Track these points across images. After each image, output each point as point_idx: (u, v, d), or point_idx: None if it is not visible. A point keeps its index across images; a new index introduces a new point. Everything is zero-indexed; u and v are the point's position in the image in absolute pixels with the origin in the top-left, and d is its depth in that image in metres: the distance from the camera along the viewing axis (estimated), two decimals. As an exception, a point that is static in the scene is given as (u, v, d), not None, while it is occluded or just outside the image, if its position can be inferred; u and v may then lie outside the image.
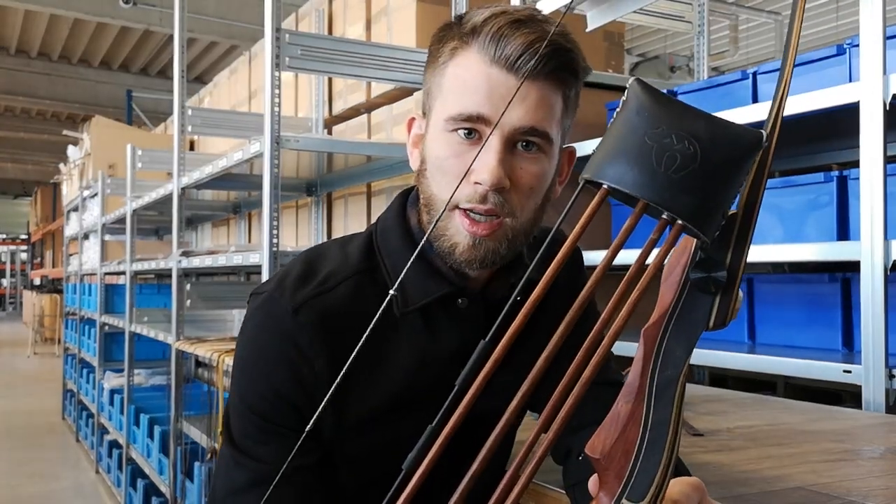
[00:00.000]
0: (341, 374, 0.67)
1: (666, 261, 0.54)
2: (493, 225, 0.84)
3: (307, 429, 0.70)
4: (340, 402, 0.89)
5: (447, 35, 0.86)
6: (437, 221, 0.85)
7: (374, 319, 0.67)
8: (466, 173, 0.81)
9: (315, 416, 0.68)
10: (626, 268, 0.57)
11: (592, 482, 0.57)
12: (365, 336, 0.67)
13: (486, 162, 0.81)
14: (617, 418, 0.50)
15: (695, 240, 0.51)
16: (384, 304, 0.71)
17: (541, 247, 0.60)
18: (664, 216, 0.49)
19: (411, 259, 0.88)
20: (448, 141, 0.84)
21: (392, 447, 0.82)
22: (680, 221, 0.49)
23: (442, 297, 0.90)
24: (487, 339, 0.54)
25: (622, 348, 2.19)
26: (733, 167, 0.48)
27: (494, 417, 0.49)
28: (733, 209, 0.50)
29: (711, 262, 0.50)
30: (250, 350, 0.91)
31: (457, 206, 0.84)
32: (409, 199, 0.95)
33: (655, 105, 0.50)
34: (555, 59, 0.83)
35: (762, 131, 0.49)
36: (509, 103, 0.81)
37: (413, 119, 0.94)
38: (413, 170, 0.92)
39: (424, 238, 0.74)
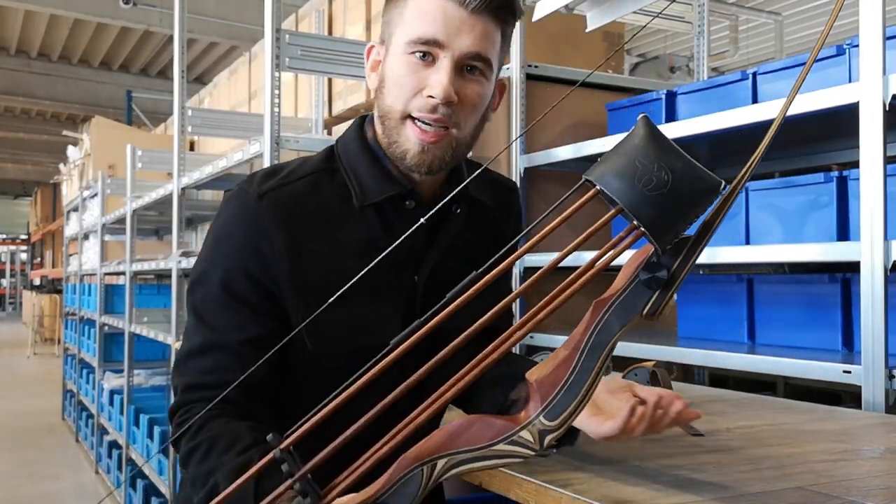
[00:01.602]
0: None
1: (628, 257, 0.69)
2: (440, 134, 1.00)
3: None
4: (300, 276, 1.01)
5: None
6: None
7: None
8: (422, 88, 0.98)
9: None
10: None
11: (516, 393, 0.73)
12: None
13: (439, 79, 0.98)
14: (555, 358, 0.69)
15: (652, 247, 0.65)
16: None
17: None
18: (634, 222, 0.65)
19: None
20: (406, 61, 1.00)
21: (350, 328, 1.01)
22: (642, 228, 0.65)
23: (393, 198, 1.05)
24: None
25: (625, 349, 2.19)
26: (693, 199, 0.64)
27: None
28: (691, 232, 0.67)
29: (659, 267, 0.66)
30: (220, 231, 1.05)
31: (409, 116, 1.00)
32: (366, 119, 1.12)
33: (651, 138, 0.64)
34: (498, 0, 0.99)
35: (722, 180, 0.64)
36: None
37: (372, 47, 1.10)
38: (371, 89, 1.08)
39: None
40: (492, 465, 0.68)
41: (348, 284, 0.85)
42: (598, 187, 0.67)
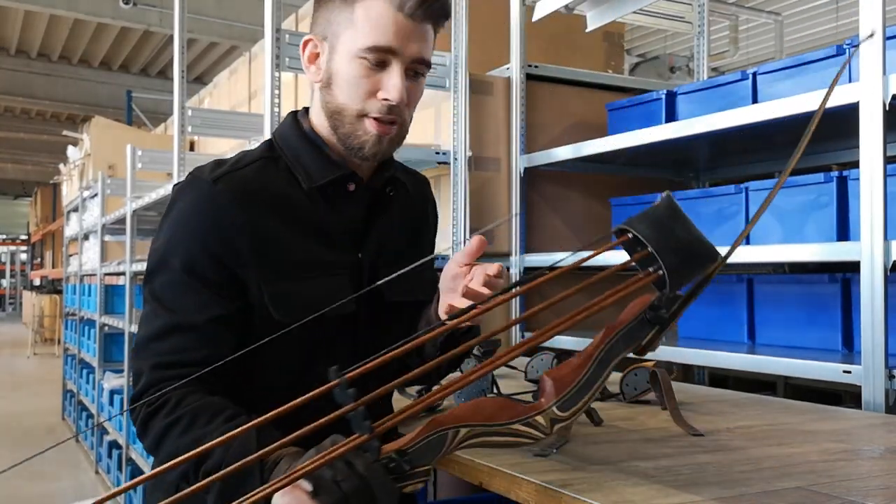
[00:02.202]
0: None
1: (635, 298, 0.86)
2: (392, 129, 1.12)
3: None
4: (260, 251, 1.09)
5: None
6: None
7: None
8: (376, 91, 1.10)
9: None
10: (627, 268, 0.85)
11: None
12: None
13: (395, 84, 1.09)
14: (570, 363, 0.83)
15: (658, 292, 0.83)
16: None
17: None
18: (651, 269, 0.83)
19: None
20: (359, 65, 1.09)
21: (311, 299, 1.09)
22: (661, 271, 0.82)
23: (336, 181, 1.15)
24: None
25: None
26: (700, 262, 0.85)
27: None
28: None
29: (661, 309, 0.83)
30: (177, 218, 1.10)
31: (365, 115, 1.11)
32: (297, 113, 1.22)
33: (677, 209, 0.85)
34: (437, 7, 1.11)
35: (720, 253, 0.85)
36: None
37: (310, 40, 1.16)
38: (312, 81, 1.16)
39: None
40: (505, 441, 0.80)
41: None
42: (633, 235, 0.83)
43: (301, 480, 0.78)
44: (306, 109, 1.22)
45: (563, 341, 2.40)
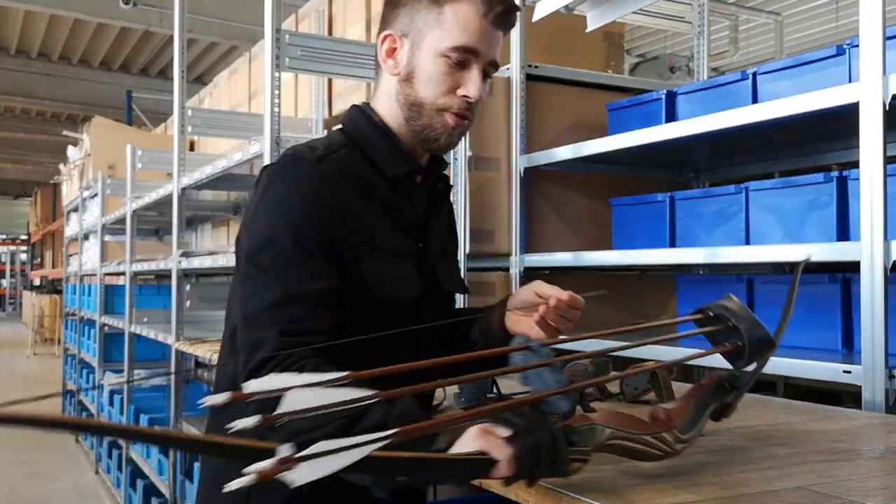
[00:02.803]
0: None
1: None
2: (465, 123, 1.21)
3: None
4: (355, 231, 1.14)
5: None
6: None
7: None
8: (456, 88, 1.18)
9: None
10: (627, 268, 0.93)
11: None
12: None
13: (475, 83, 1.18)
14: (678, 402, 1.02)
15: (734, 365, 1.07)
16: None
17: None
18: (729, 342, 1.08)
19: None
20: (443, 62, 1.17)
21: (400, 279, 1.20)
22: (742, 343, 1.06)
23: (408, 172, 1.23)
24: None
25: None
26: (768, 346, 1.10)
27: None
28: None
29: (737, 379, 1.07)
30: (281, 197, 1.13)
31: (444, 110, 1.18)
32: (363, 106, 1.27)
33: (746, 310, 1.10)
34: (512, 20, 1.21)
35: (775, 339, 1.10)
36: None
37: (388, 36, 1.22)
38: (389, 73, 1.22)
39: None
40: (636, 448, 0.93)
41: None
42: (718, 314, 1.07)
43: (496, 426, 0.82)
44: (367, 104, 1.27)
45: (563, 341, 2.40)
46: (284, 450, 0.68)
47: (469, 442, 0.82)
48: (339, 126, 1.29)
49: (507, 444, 0.81)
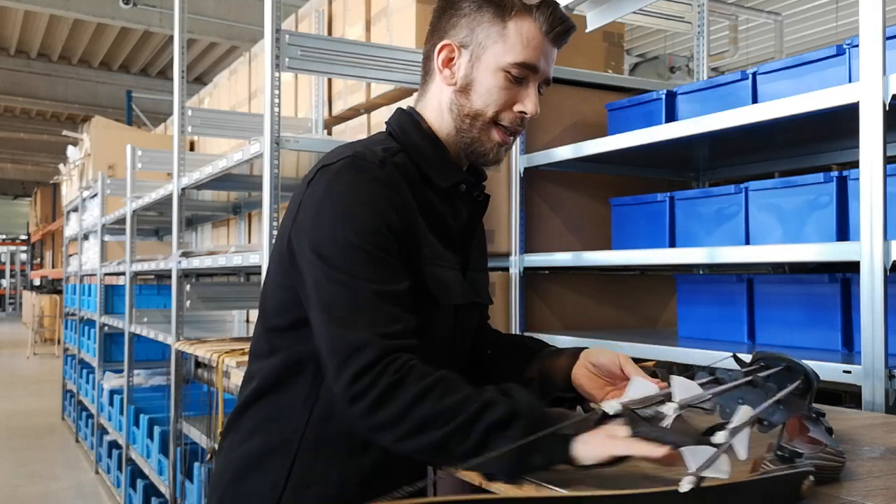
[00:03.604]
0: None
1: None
2: (512, 140, 1.23)
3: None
4: (415, 234, 1.14)
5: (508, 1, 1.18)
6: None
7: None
8: (513, 104, 1.19)
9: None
10: (627, 268, 0.87)
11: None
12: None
13: (533, 100, 1.19)
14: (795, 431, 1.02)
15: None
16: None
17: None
18: (795, 385, 1.09)
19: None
20: (503, 77, 1.17)
21: (454, 287, 1.20)
22: (810, 378, 1.11)
23: (455, 183, 1.23)
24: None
25: (625, 349, 2.19)
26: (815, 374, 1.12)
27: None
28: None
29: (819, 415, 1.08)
30: (349, 198, 1.10)
31: (496, 123, 1.19)
32: (410, 111, 1.26)
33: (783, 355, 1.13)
34: (570, 35, 1.22)
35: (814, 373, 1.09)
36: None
37: (446, 46, 1.21)
38: (445, 83, 1.22)
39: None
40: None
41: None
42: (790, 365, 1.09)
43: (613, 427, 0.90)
44: (415, 110, 1.26)
45: (563, 341, 2.40)
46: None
47: (600, 447, 0.91)
48: (386, 130, 1.27)
49: (642, 441, 0.87)
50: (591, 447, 0.92)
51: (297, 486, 1.15)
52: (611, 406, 0.83)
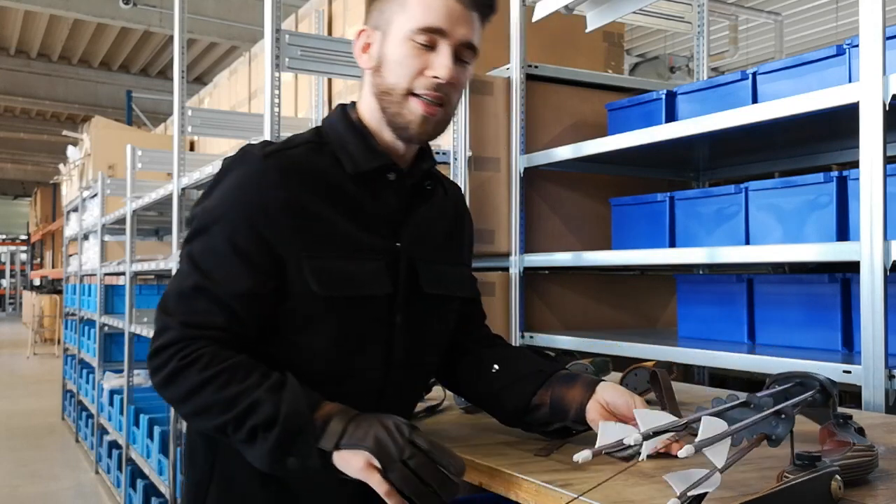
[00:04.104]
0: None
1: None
2: (437, 110, 1.16)
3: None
4: (303, 229, 1.12)
5: None
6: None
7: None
8: (424, 70, 1.15)
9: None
10: (627, 268, 0.85)
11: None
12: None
13: (443, 63, 1.14)
14: (826, 440, 1.07)
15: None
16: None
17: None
18: (812, 395, 1.08)
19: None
20: (410, 46, 1.15)
21: (349, 278, 1.14)
22: (827, 388, 1.09)
23: (378, 169, 1.19)
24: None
25: (625, 349, 2.19)
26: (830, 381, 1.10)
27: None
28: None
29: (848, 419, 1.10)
30: (226, 190, 1.14)
31: (412, 93, 1.15)
32: (346, 106, 1.26)
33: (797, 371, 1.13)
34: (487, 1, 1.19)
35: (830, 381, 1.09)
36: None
37: (362, 31, 1.23)
38: (364, 68, 1.22)
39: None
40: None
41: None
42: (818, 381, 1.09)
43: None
44: (354, 103, 1.26)
45: (563, 341, 2.40)
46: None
47: (354, 470, 0.98)
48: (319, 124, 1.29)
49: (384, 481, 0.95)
50: (345, 464, 0.99)
51: None
52: (582, 456, 0.81)
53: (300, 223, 1.12)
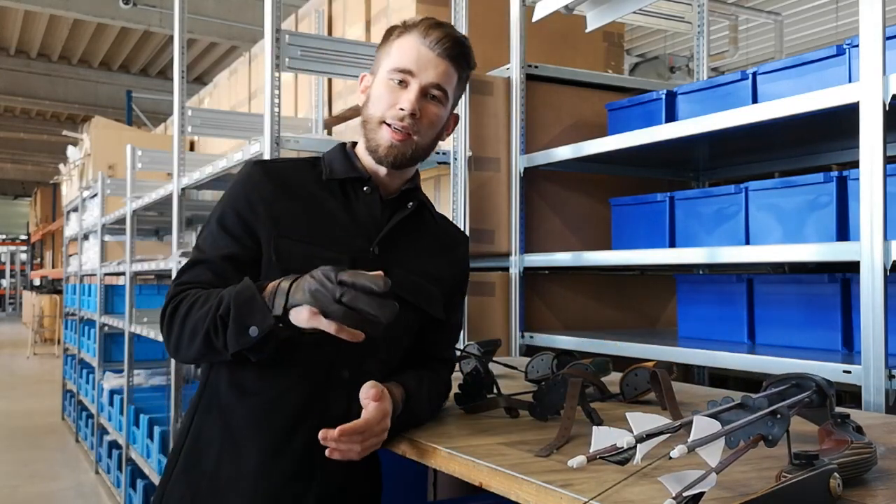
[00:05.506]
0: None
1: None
2: (404, 136, 1.37)
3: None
4: (276, 218, 1.35)
5: (395, 28, 1.42)
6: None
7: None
8: (395, 103, 1.36)
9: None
10: (627, 268, 0.84)
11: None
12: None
13: (408, 97, 1.36)
14: (824, 441, 1.04)
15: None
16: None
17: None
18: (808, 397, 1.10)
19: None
20: (387, 84, 1.38)
21: (306, 257, 1.32)
22: (825, 389, 1.12)
23: (354, 181, 1.42)
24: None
25: (625, 349, 2.19)
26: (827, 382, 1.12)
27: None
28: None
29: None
30: (225, 192, 1.41)
31: (384, 122, 1.37)
32: (347, 143, 1.49)
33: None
34: (457, 49, 1.38)
35: (826, 381, 1.11)
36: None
37: (363, 77, 1.46)
38: (360, 104, 1.44)
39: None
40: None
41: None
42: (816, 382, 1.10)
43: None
44: (354, 143, 1.48)
45: (563, 342, 2.40)
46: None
47: (305, 319, 1.15)
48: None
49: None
50: (298, 320, 1.16)
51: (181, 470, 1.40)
52: (577, 461, 0.83)
53: (272, 212, 1.36)
